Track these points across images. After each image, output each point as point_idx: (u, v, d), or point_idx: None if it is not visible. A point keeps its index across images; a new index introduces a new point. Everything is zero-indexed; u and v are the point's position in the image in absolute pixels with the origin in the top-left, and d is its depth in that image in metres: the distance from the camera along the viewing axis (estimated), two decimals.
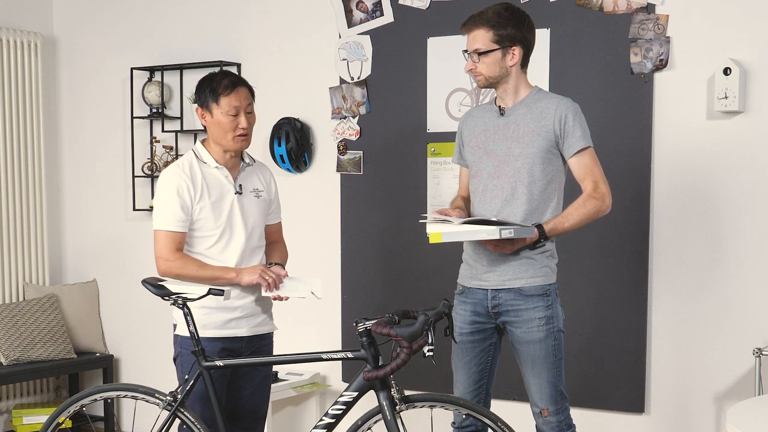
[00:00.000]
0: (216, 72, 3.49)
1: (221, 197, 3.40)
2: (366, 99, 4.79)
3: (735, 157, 4.02)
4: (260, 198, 3.51)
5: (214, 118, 3.37)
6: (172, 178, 3.36)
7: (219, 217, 3.38)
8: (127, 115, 5.49)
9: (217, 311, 3.37)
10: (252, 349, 3.47)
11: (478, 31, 3.27)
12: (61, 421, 3.41)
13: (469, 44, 3.30)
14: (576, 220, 3.25)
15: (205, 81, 3.41)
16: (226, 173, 3.43)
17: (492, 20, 3.25)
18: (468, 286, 3.38)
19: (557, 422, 3.29)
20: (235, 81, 3.40)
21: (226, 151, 3.42)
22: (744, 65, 3.96)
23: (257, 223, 3.49)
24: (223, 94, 3.35)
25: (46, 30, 5.75)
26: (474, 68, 3.30)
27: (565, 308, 3.42)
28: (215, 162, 3.41)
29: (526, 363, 3.29)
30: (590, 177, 3.28)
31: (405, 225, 4.64)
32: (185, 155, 3.47)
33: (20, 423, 5.27)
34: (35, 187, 5.65)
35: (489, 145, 3.35)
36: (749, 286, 4.02)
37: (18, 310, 5.36)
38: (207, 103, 3.38)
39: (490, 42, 3.26)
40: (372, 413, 3.07)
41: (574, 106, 3.30)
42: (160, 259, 3.34)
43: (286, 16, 5.03)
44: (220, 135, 3.38)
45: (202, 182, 3.37)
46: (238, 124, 3.37)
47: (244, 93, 3.40)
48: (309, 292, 3.43)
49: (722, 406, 4.07)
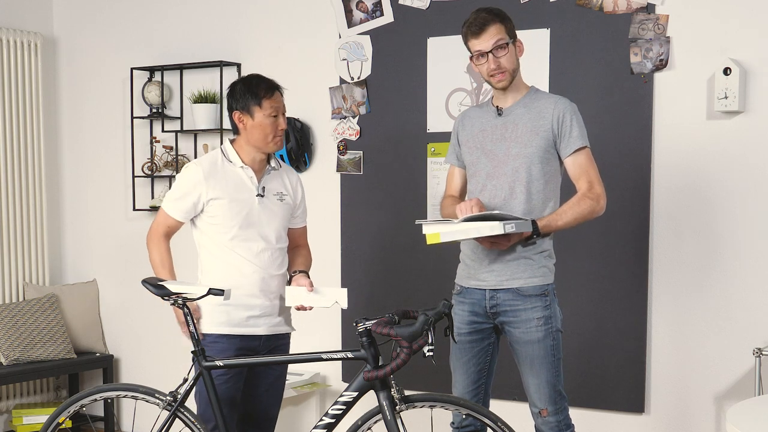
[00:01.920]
0: (250, 76, 3.55)
1: (241, 197, 3.46)
2: (366, 99, 4.79)
3: (735, 157, 4.02)
4: (284, 201, 3.58)
5: (256, 121, 3.44)
6: (190, 172, 3.49)
7: (237, 215, 3.45)
8: (127, 115, 5.49)
9: (236, 309, 3.43)
10: (269, 348, 3.53)
11: (493, 26, 3.24)
12: (61, 421, 3.41)
13: (484, 43, 3.24)
14: (570, 218, 3.25)
15: (241, 85, 3.48)
16: (251, 174, 3.49)
17: (498, 14, 3.28)
18: (466, 286, 3.38)
19: (556, 422, 3.29)
20: (274, 84, 3.50)
21: (261, 152, 3.49)
22: (744, 65, 3.96)
23: (278, 225, 3.55)
24: (266, 97, 3.44)
25: (46, 30, 5.75)
26: (498, 65, 3.25)
27: (565, 308, 3.43)
28: (241, 162, 3.49)
29: (525, 363, 3.29)
30: (585, 177, 3.28)
31: (405, 225, 4.63)
32: (212, 152, 3.59)
33: (20, 423, 5.27)
34: (35, 187, 5.65)
35: (487, 145, 3.34)
36: (749, 285, 4.02)
37: (18, 310, 5.36)
38: (248, 106, 3.45)
39: (505, 34, 3.27)
40: (372, 413, 3.07)
41: (572, 105, 3.30)
42: (151, 230, 3.56)
43: (286, 16, 5.03)
44: (260, 137, 3.46)
45: (224, 180, 3.46)
46: (279, 126, 3.47)
47: (279, 95, 3.51)
48: (333, 301, 3.44)
49: (722, 406, 4.07)
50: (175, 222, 3.52)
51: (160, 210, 3.55)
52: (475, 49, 3.27)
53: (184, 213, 3.49)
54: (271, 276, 3.52)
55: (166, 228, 3.54)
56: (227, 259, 3.46)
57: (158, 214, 3.57)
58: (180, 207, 3.49)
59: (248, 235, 3.46)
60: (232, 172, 3.48)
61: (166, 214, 3.52)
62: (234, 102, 3.49)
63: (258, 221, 3.48)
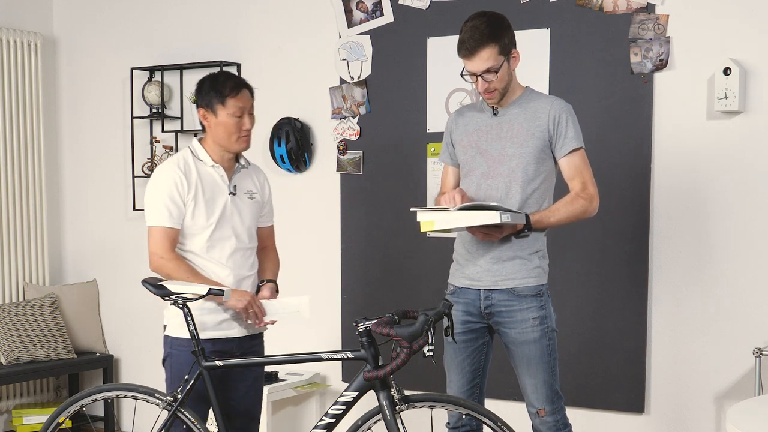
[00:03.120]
0: (218, 73, 3.49)
1: (215, 196, 3.40)
2: (366, 99, 4.79)
3: (735, 157, 4.02)
4: (254, 200, 3.52)
5: (219, 120, 3.37)
6: (167, 173, 3.35)
7: (211, 216, 3.38)
8: (127, 115, 5.49)
9: (209, 312, 3.37)
10: (244, 350, 3.46)
11: (485, 50, 3.19)
12: (61, 421, 3.41)
13: (476, 66, 3.21)
14: (563, 215, 3.25)
15: (208, 82, 3.41)
16: (222, 173, 3.42)
17: (491, 35, 3.19)
18: (460, 286, 3.37)
19: (554, 422, 3.29)
20: (240, 83, 3.41)
21: (227, 151, 3.42)
22: (744, 65, 3.96)
23: (250, 224, 3.50)
24: (230, 95, 3.36)
25: (46, 30, 5.75)
26: (487, 88, 3.23)
27: (564, 308, 3.43)
28: (212, 161, 3.41)
29: (521, 364, 3.30)
30: (579, 177, 3.28)
31: (405, 225, 4.63)
32: (181, 152, 3.46)
33: (20, 423, 5.27)
34: (35, 187, 5.65)
35: (482, 145, 3.34)
36: (749, 285, 4.02)
37: (18, 310, 5.36)
38: (211, 104, 3.37)
39: (498, 56, 3.20)
40: (372, 413, 3.07)
41: (568, 106, 3.31)
42: (154, 254, 3.33)
43: (286, 16, 5.03)
44: (223, 136, 3.38)
45: (197, 179, 3.37)
46: (243, 126, 3.38)
47: (247, 95, 3.42)
48: (295, 313, 3.43)
49: (722, 406, 4.07)
50: (174, 231, 3.34)
51: (151, 230, 3.33)
52: (466, 68, 3.26)
53: (178, 218, 3.34)
54: (244, 277, 3.46)
55: (169, 242, 3.33)
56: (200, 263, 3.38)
57: (150, 235, 3.33)
58: (173, 212, 3.33)
59: (222, 235, 3.39)
60: (204, 172, 3.39)
61: (161, 229, 3.32)
62: (200, 99, 3.41)
63: (231, 221, 3.42)
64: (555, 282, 3.47)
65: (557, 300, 3.50)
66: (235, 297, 3.34)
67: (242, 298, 3.35)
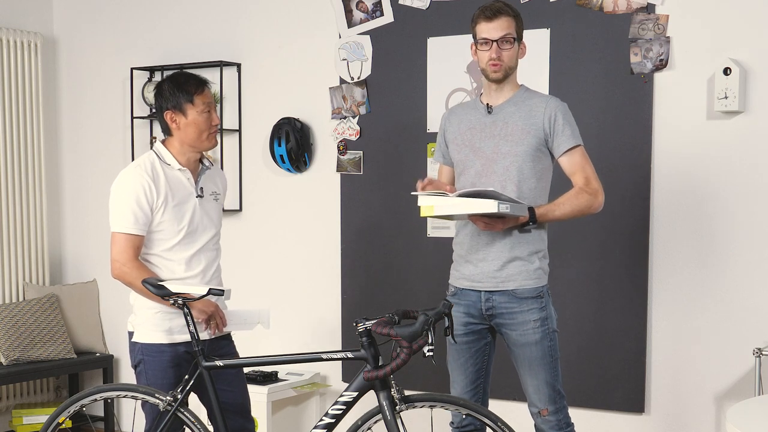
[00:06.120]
0: (177, 74, 3.46)
1: (184, 200, 3.37)
2: (366, 99, 4.79)
3: (735, 157, 4.02)
4: (218, 201, 3.52)
5: (189, 119, 3.35)
6: (135, 179, 3.30)
7: (181, 220, 3.35)
8: (127, 115, 5.49)
9: (178, 316, 3.32)
10: (214, 351, 3.42)
11: (507, 18, 3.25)
12: (61, 421, 3.41)
13: (495, 30, 3.23)
14: (567, 210, 3.25)
15: (170, 84, 3.37)
16: (188, 176, 3.40)
17: (515, 13, 3.29)
18: (461, 288, 3.37)
19: (556, 421, 3.29)
20: (201, 80, 3.42)
21: (197, 151, 3.41)
22: (744, 65, 3.96)
23: (216, 225, 3.49)
24: (197, 93, 3.35)
25: (46, 30, 5.75)
26: (499, 57, 3.24)
27: (565, 308, 3.43)
28: (178, 164, 3.38)
29: (523, 365, 3.30)
30: (581, 172, 3.28)
31: (405, 225, 4.64)
32: (145, 156, 3.40)
33: (20, 423, 5.27)
34: (35, 187, 5.65)
35: (476, 143, 3.34)
36: (749, 286, 4.02)
37: (18, 310, 5.36)
38: (180, 105, 3.34)
39: (515, 31, 3.28)
40: (372, 413, 3.07)
41: (563, 105, 3.31)
42: (116, 262, 3.28)
43: (286, 16, 5.03)
44: (195, 135, 3.36)
45: (165, 185, 3.33)
46: (212, 121, 3.39)
47: (209, 90, 3.43)
48: (256, 324, 3.44)
49: (722, 406, 4.07)
50: (139, 239, 3.28)
51: (116, 236, 3.27)
52: (482, 35, 3.26)
53: (144, 225, 3.29)
54: (210, 279, 3.45)
55: (133, 250, 3.27)
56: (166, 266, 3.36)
57: (114, 242, 3.27)
58: (139, 219, 3.28)
59: (191, 239, 3.37)
60: (171, 176, 3.35)
61: (126, 236, 3.27)
62: (164, 102, 3.36)
63: (200, 224, 3.40)
64: (555, 282, 3.47)
65: (557, 300, 3.50)
66: (199, 307, 3.33)
67: (206, 308, 3.35)
